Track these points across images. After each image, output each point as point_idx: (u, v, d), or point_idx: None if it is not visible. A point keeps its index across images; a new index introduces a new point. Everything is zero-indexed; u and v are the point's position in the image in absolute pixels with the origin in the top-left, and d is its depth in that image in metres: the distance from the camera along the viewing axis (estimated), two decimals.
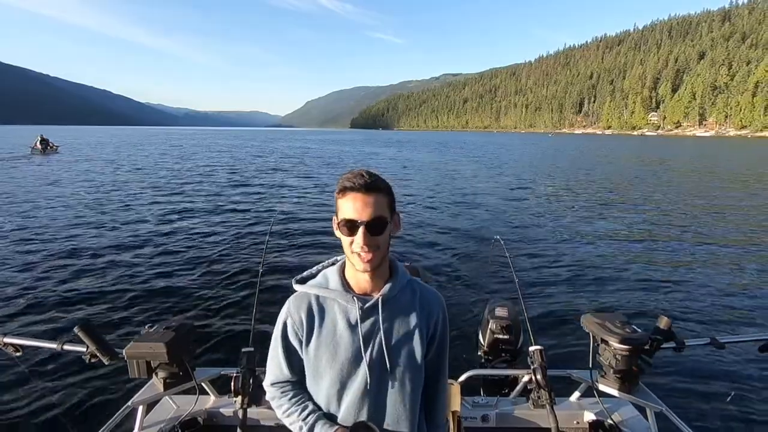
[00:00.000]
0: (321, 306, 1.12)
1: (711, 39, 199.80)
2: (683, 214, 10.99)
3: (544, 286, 5.74)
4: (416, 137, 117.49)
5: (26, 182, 15.34)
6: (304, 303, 1.12)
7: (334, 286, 1.11)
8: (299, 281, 1.17)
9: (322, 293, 1.11)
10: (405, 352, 1.11)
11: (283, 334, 1.13)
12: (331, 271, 1.16)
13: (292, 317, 1.11)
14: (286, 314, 1.13)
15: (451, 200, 13.28)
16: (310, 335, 1.10)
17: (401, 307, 1.13)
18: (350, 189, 1.00)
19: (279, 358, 1.15)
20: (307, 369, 1.14)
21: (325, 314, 1.11)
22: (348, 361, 1.07)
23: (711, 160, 32.72)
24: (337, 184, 1.04)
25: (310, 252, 7.29)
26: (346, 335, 1.08)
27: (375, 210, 1.00)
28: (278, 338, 1.14)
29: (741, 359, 3.83)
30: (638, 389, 1.78)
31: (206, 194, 13.56)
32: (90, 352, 1.62)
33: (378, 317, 1.09)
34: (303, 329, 1.10)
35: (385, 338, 1.09)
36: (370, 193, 1.00)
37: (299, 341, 1.12)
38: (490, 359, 2.50)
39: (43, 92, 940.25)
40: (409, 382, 1.12)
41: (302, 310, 1.11)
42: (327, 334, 1.09)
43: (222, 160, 28.37)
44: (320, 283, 1.14)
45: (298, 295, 1.15)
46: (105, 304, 4.94)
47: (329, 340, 1.09)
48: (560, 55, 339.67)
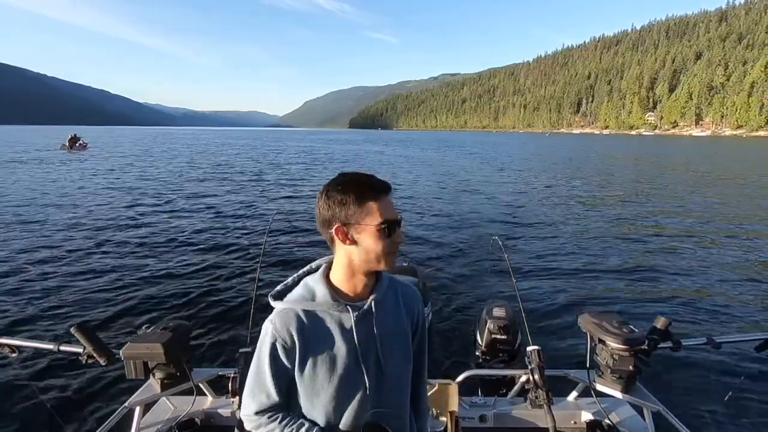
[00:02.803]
0: (311, 320, 1.03)
1: (708, 39, 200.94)
2: (681, 214, 11.02)
3: (542, 286, 5.74)
4: (417, 137, 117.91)
5: (30, 181, 15.31)
6: (292, 320, 1.02)
7: (321, 297, 1.04)
8: (277, 296, 1.07)
9: (309, 306, 1.03)
10: (398, 351, 1.11)
11: (272, 357, 1.02)
12: (313, 280, 1.07)
13: (281, 337, 1.01)
14: (273, 335, 1.01)
15: (450, 199, 13.28)
16: (305, 354, 1.02)
17: (389, 307, 1.12)
18: (382, 191, 0.99)
19: (267, 384, 1.03)
20: (302, 389, 1.06)
21: (318, 328, 1.03)
22: (347, 372, 1.04)
23: (708, 159, 32.81)
24: (354, 189, 0.98)
25: (309, 252, 7.27)
26: (343, 346, 1.03)
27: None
28: (265, 363, 1.02)
29: (738, 359, 3.84)
30: (635, 389, 1.79)
31: (206, 194, 13.53)
32: (87, 353, 1.61)
33: (373, 321, 1.06)
34: (296, 348, 1.01)
35: (381, 342, 1.07)
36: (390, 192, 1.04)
37: (291, 362, 1.03)
38: (488, 359, 2.50)
39: (42, 92, 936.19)
40: (403, 380, 1.15)
41: (291, 328, 1.01)
42: (322, 348, 1.03)
43: (222, 159, 28.38)
44: (304, 295, 1.05)
45: (282, 311, 1.03)
46: (102, 304, 4.92)
47: (326, 355, 1.03)
48: (558, 55, 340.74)
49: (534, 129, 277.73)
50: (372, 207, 0.98)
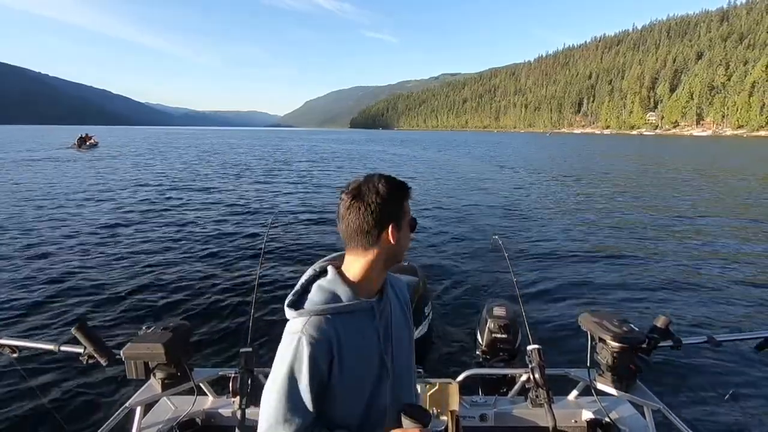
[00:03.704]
0: (342, 323, 1.00)
1: (709, 39, 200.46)
2: (683, 214, 10.99)
3: (542, 286, 5.74)
4: (418, 137, 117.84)
5: (29, 182, 15.33)
6: (327, 327, 0.97)
7: (346, 298, 1.02)
8: (295, 305, 1.03)
9: (338, 310, 1.00)
10: (406, 342, 1.16)
11: (311, 372, 0.94)
12: (330, 282, 1.04)
13: (320, 347, 0.95)
14: (311, 347, 0.94)
15: (451, 198, 13.26)
16: (342, 358, 0.98)
17: (393, 300, 1.16)
18: (408, 191, 1.06)
19: (304, 403, 0.95)
20: (336, 392, 1.00)
21: (350, 330, 1.01)
22: (376, 368, 1.05)
23: (708, 158, 32.75)
24: (389, 189, 1.00)
25: (309, 252, 7.28)
26: (372, 343, 1.05)
27: None
28: (303, 380, 0.94)
29: (738, 357, 3.84)
30: (636, 388, 1.78)
31: (207, 194, 13.53)
32: (87, 353, 1.61)
33: (389, 315, 1.11)
34: (333, 356, 0.97)
35: (394, 334, 1.10)
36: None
37: (329, 371, 0.98)
38: (489, 358, 2.51)
39: (43, 92, 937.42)
40: (411, 370, 1.19)
41: (330, 335, 0.97)
42: (357, 349, 1.01)
43: (229, 158, 28.43)
44: (327, 299, 1.01)
45: (313, 321, 0.97)
46: (102, 304, 4.92)
47: (360, 354, 1.02)
48: (559, 55, 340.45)
49: (535, 129, 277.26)
50: (407, 205, 1.07)
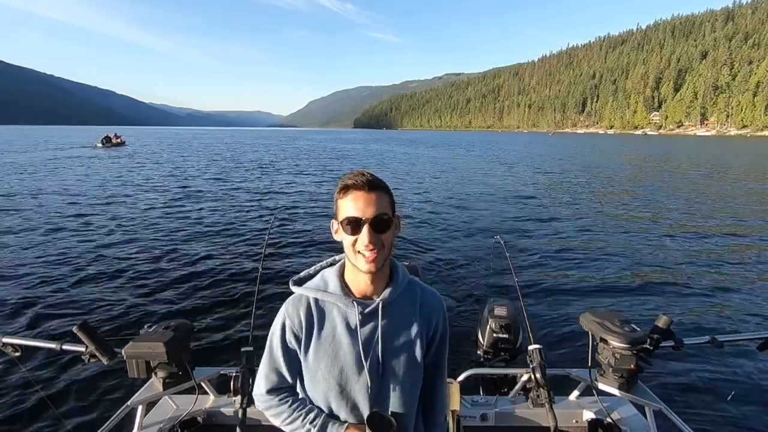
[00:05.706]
0: (320, 309, 1.08)
1: (714, 39, 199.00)
2: (684, 213, 10.94)
3: (544, 286, 5.73)
4: (423, 136, 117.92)
5: (29, 183, 15.40)
6: (303, 305, 1.08)
7: (333, 289, 1.08)
8: (297, 282, 1.13)
9: (321, 296, 1.08)
10: (405, 356, 1.10)
11: (282, 337, 1.09)
12: (330, 272, 1.12)
13: (291, 320, 1.08)
14: (284, 316, 1.09)
15: (453, 198, 13.25)
16: (309, 339, 1.07)
17: (402, 311, 1.11)
18: (353, 187, 0.99)
19: (279, 363, 1.10)
20: (306, 374, 1.10)
21: (324, 318, 1.08)
22: (348, 367, 1.05)
23: (712, 159, 32.57)
24: (338, 185, 1.02)
25: (310, 251, 7.29)
26: (346, 340, 1.05)
27: (378, 207, 0.99)
28: (277, 342, 1.09)
29: (740, 358, 3.83)
30: (637, 388, 1.78)
31: (207, 194, 13.59)
32: (89, 352, 1.61)
33: (378, 322, 1.07)
34: (302, 332, 1.07)
35: (386, 343, 1.07)
36: (373, 190, 0.99)
37: (298, 345, 1.08)
38: (490, 358, 2.50)
39: (47, 93, 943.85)
40: (410, 385, 1.12)
41: (301, 313, 1.07)
42: (326, 338, 1.07)
43: (239, 157, 28.52)
44: (318, 285, 1.10)
45: (296, 297, 1.11)
46: (104, 304, 4.94)
47: (328, 345, 1.06)
48: (563, 54, 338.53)
49: (539, 129, 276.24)
50: (340, 203, 1.02)
